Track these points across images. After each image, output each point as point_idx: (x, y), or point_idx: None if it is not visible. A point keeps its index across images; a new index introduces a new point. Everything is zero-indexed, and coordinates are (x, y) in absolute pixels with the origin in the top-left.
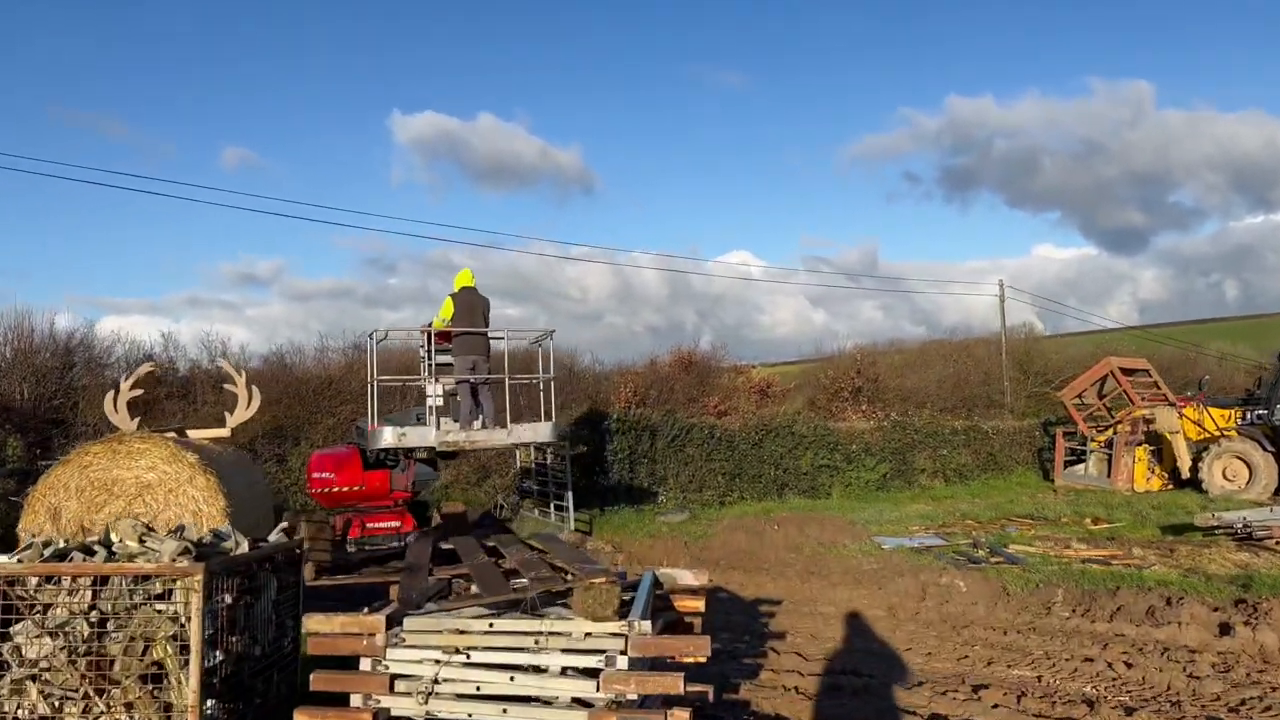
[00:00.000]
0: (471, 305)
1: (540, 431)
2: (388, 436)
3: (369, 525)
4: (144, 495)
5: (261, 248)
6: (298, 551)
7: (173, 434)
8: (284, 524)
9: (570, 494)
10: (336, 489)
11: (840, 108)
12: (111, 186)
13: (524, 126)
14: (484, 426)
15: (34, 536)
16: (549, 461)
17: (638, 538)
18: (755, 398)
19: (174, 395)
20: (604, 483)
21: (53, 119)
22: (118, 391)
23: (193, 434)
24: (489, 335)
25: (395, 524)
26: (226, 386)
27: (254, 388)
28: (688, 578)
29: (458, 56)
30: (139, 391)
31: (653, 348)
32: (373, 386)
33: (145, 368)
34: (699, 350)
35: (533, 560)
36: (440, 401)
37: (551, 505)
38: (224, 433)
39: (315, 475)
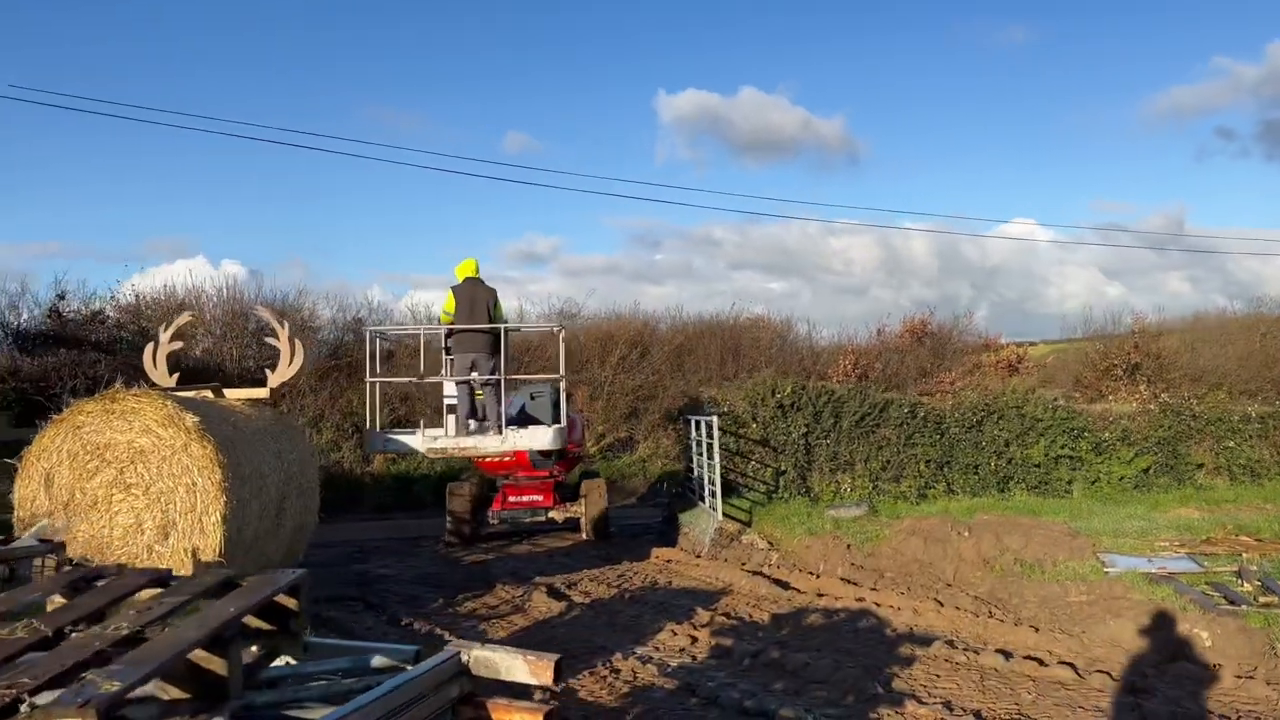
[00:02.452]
0: (473, 298)
1: (539, 438)
2: (376, 441)
3: (510, 498)
4: (136, 463)
5: (541, 227)
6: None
7: (208, 392)
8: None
9: (718, 478)
10: (489, 457)
11: (1142, 60)
12: (418, 167)
13: (786, 98)
14: (485, 431)
15: (30, 504)
16: (716, 440)
17: (797, 534)
18: (1003, 374)
19: (379, 358)
20: (775, 466)
21: (362, 118)
22: (157, 344)
23: (230, 394)
24: (494, 331)
25: (537, 498)
26: (268, 340)
27: (297, 342)
28: (519, 670)
29: (718, 32)
30: (179, 344)
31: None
32: (371, 386)
33: (183, 318)
34: (935, 320)
35: (83, 641)
36: (455, 400)
37: (705, 486)
38: (262, 393)
39: None
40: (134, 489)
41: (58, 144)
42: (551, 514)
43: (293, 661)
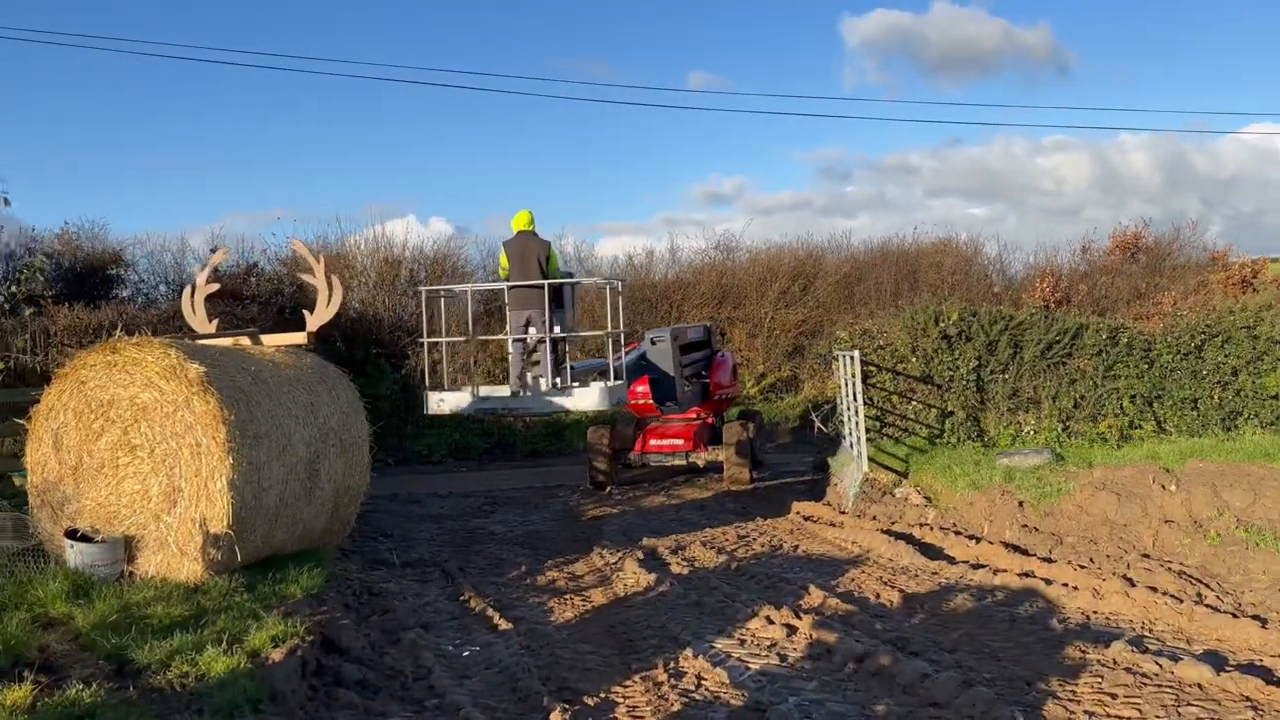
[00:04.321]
0: (524, 253)
1: (586, 398)
2: (430, 402)
3: (651, 441)
4: (140, 421)
5: (726, 167)
6: None
7: (245, 339)
8: None
9: (861, 420)
10: (635, 401)
11: None
12: (602, 102)
13: (984, 9)
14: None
15: (42, 469)
16: (857, 377)
17: (959, 488)
18: (1234, 292)
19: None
20: (940, 406)
21: (548, 68)
22: (194, 288)
23: (267, 339)
24: (551, 286)
25: (678, 441)
26: (303, 276)
27: (335, 279)
28: None
29: None
30: (215, 286)
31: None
32: (427, 346)
33: (218, 256)
34: (1149, 232)
35: None
36: (536, 357)
37: (851, 432)
38: (299, 338)
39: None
40: (139, 451)
41: (286, 108)
42: (693, 458)
43: None
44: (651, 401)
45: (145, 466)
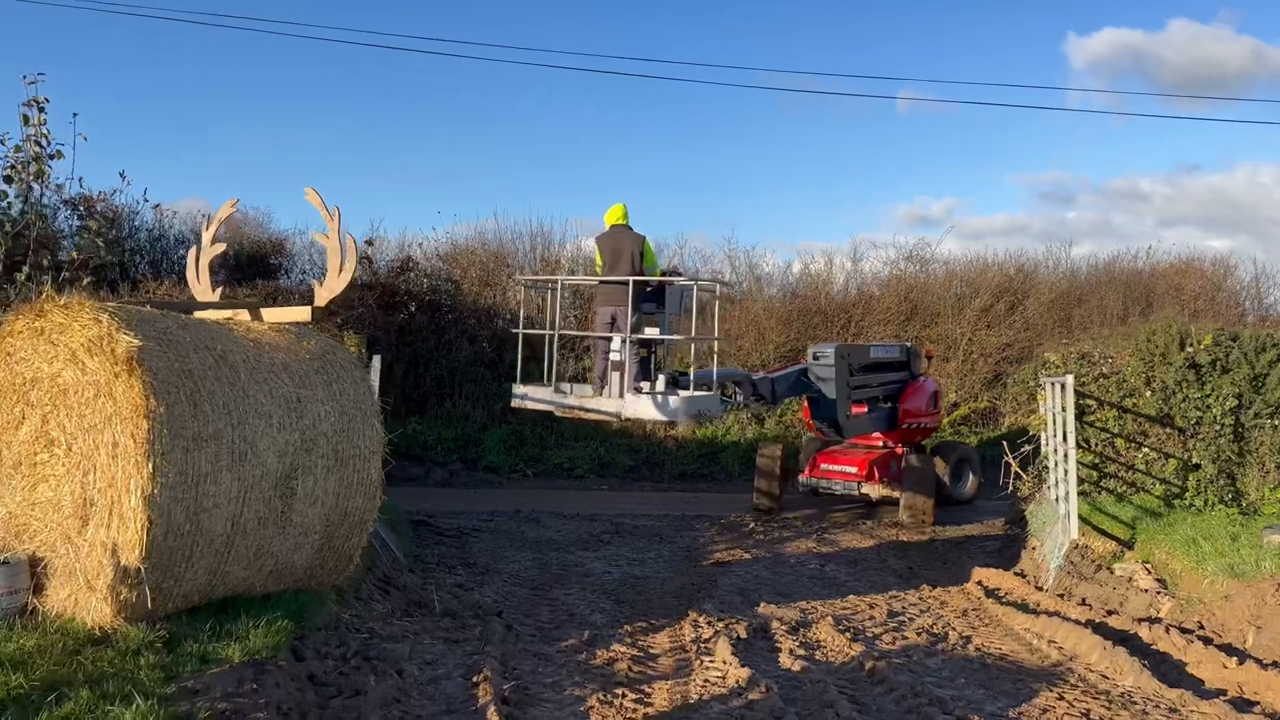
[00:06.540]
0: (616, 247)
1: (665, 406)
2: (514, 395)
3: (821, 465)
4: (59, 408)
5: (935, 189)
6: None
7: (244, 312)
8: None
9: (1072, 467)
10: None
11: None
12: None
13: (1230, 26)
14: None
15: None
16: (1069, 413)
17: (1208, 571)
18: None
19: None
20: (1181, 456)
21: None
22: (199, 249)
23: (268, 314)
24: (640, 282)
25: (849, 469)
26: (315, 237)
27: (350, 240)
28: None
29: None
30: (221, 247)
31: None
32: (520, 339)
33: (225, 209)
34: None
35: None
36: (617, 357)
37: (1057, 482)
38: (303, 313)
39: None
40: (55, 447)
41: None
42: (865, 489)
43: None
44: (811, 420)
45: (60, 469)
